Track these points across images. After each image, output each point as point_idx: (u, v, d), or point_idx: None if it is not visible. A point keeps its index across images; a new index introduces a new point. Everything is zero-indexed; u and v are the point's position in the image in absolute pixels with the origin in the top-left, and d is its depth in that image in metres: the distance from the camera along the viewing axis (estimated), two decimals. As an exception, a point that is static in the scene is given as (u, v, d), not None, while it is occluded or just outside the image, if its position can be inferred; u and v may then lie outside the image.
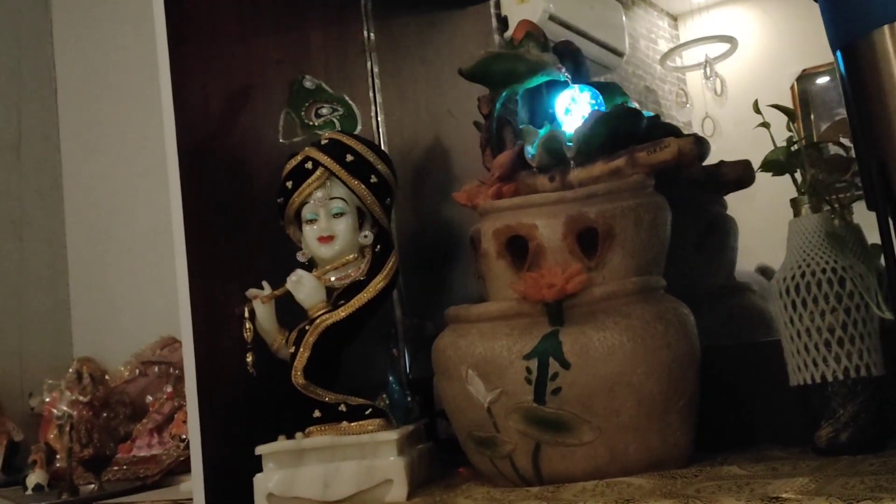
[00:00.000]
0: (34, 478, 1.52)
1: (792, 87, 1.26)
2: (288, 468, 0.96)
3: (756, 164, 1.11)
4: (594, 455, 0.86)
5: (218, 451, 1.00)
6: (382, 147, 1.43)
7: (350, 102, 1.15)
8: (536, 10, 1.54)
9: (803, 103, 1.25)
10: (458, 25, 1.68)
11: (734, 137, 1.27)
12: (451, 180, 1.56)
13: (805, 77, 1.25)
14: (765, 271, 1.22)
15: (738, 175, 1.17)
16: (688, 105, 1.37)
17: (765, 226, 1.20)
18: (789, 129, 0.96)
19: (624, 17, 1.48)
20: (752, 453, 0.92)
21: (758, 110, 0.98)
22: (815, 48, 1.26)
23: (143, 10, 1.82)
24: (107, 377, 1.78)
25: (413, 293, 1.40)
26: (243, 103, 1.18)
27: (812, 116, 1.25)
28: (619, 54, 1.48)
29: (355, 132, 1.12)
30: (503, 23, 1.62)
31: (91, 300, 1.96)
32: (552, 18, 1.54)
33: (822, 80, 1.26)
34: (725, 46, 1.34)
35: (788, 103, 1.26)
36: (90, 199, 1.97)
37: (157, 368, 1.73)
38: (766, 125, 0.98)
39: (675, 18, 1.44)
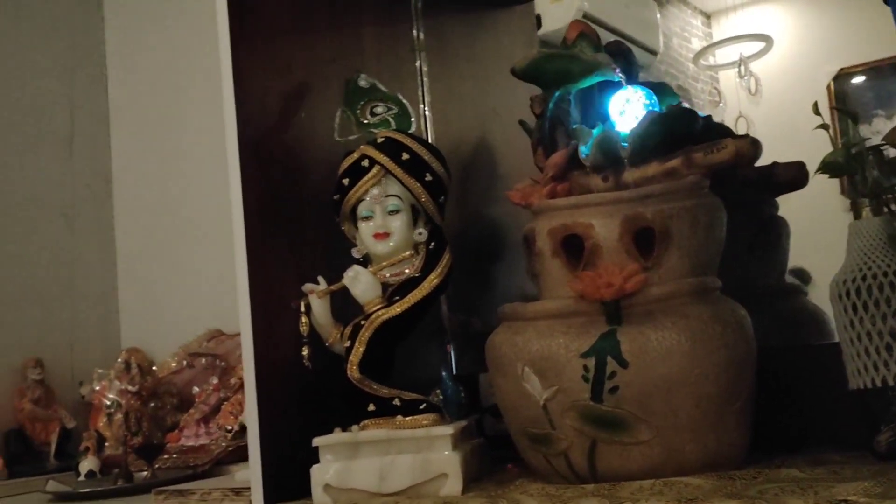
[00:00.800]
0: (86, 464, 1.56)
1: (828, 87, 1.26)
2: (344, 460, 0.98)
3: (792, 157, 1.11)
4: (650, 454, 0.87)
5: (275, 441, 1.02)
6: (432, 145, 1.44)
7: (404, 101, 1.17)
8: (571, 9, 1.54)
9: (840, 103, 1.24)
10: (504, 25, 1.69)
11: (768, 137, 1.26)
12: (497, 179, 1.57)
13: (842, 77, 1.25)
14: (800, 274, 1.22)
15: (792, 176, 1.17)
16: (721, 104, 1.36)
17: (797, 228, 1.20)
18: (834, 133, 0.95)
19: (658, 16, 1.48)
20: (808, 456, 0.92)
21: (817, 111, 0.98)
22: (853, 47, 1.26)
23: (194, 8, 1.86)
24: (154, 368, 1.81)
25: (459, 290, 1.41)
26: (300, 100, 1.20)
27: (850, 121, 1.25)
28: (653, 53, 1.48)
29: (410, 131, 1.13)
30: (537, 21, 1.63)
31: (139, 293, 2.00)
32: (587, 17, 1.54)
33: (859, 79, 1.25)
34: (760, 45, 1.33)
35: (824, 103, 1.25)
36: (139, 193, 2.01)
37: (203, 360, 1.76)
38: (824, 127, 0.97)
39: (708, 16, 1.43)
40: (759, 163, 1.10)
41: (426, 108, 1.50)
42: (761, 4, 1.35)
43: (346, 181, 1.09)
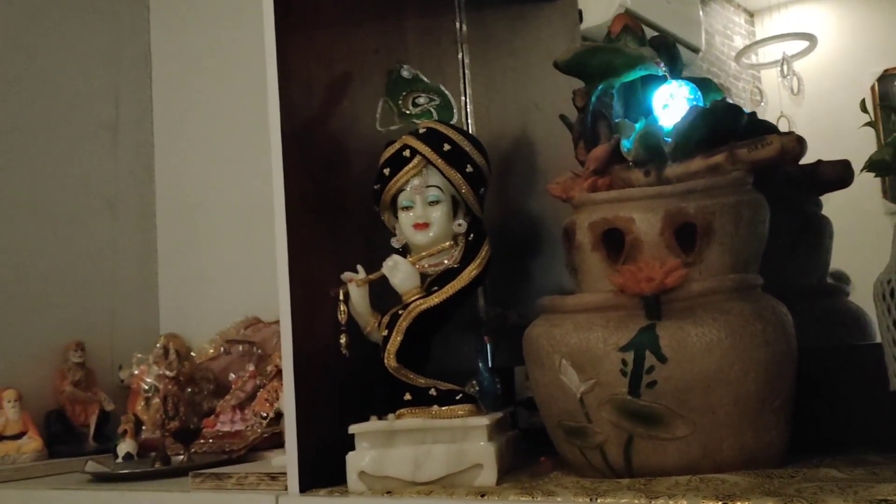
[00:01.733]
0: (124, 446, 1.58)
1: (872, 88, 1.24)
2: (380, 448, 0.98)
3: (834, 158, 1.10)
4: (687, 450, 0.86)
5: (311, 427, 1.03)
6: (472, 137, 1.45)
7: (446, 92, 1.17)
8: (612, 4, 1.53)
9: (882, 105, 1.22)
10: (546, 18, 1.68)
11: (810, 138, 1.25)
12: (535, 172, 1.57)
13: (887, 77, 1.23)
14: (839, 277, 1.21)
15: (837, 175, 1.15)
16: (762, 103, 1.35)
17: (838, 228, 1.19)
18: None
19: (700, 13, 1.47)
20: (847, 457, 0.91)
21: (864, 109, 0.97)
22: (898, 48, 1.24)
23: (239, 1, 1.87)
24: (192, 354, 1.83)
25: (495, 282, 1.41)
26: (343, 90, 1.21)
27: (893, 117, 1.23)
28: (695, 50, 1.47)
29: (451, 122, 1.13)
30: (578, 16, 1.62)
31: (178, 279, 2.02)
32: (628, 13, 1.53)
33: (905, 80, 1.23)
34: (804, 44, 1.31)
35: (869, 103, 1.23)
36: (180, 180, 2.03)
37: (240, 347, 1.78)
38: (871, 124, 0.96)
39: (751, 14, 1.42)
40: (803, 161, 1.09)
41: (467, 101, 1.50)
42: (806, 3, 1.34)
43: (386, 171, 1.09)
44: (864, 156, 0.97)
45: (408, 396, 1.01)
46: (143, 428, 1.70)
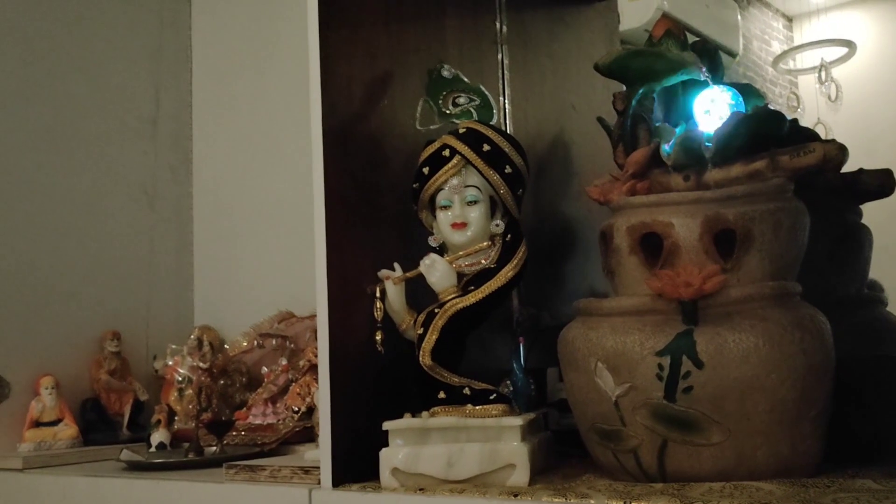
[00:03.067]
0: (157, 436, 1.60)
1: None
2: (413, 445, 0.99)
3: (871, 166, 1.08)
4: (721, 456, 0.86)
5: (345, 422, 1.04)
6: (510, 138, 1.45)
7: (486, 93, 1.17)
8: (650, 7, 1.53)
9: None
10: (585, 21, 1.69)
11: (847, 144, 1.24)
12: (571, 174, 1.57)
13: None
14: (872, 286, 1.20)
15: (879, 184, 1.14)
16: (799, 109, 1.34)
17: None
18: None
19: (739, 17, 1.46)
20: (883, 468, 0.90)
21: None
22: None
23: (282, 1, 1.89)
24: (226, 346, 1.85)
25: (530, 283, 1.42)
26: (383, 88, 1.22)
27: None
28: (733, 55, 1.46)
29: (491, 122, 1.14)
30: (616, 19, 1.62)
31: (213, 272, 2.04)
32: (668, 17, 1.53)
33: (943, 89, 1.22)
34: (842, 50, 1.30)
35: None
36: (218, 174, 2.05)
37: (273, 341, 1.79)
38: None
39: (790, 20, 1.41)
40: (843, 170, 1.08)
41: (506, 101, 1.50)
42: (845, 9, 1.33)
43: (426, 170, 1.10)
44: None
45: (442, 395, 1.02)
46: (176, 418, 1.72)
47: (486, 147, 1.08)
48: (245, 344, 1.84)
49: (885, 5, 1.30)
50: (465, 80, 1.18)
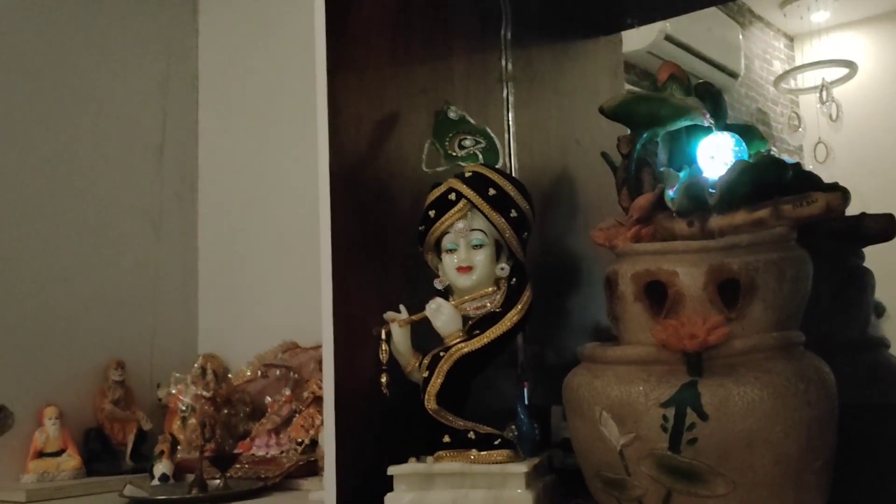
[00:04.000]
0: (160, 467, 1.61)
1: None
2: (418, 490, 0.99)
3: (872, 186, 1.09)
4: (726, 508, 0.86)
5: (350, 466, 1.05)
6: (514, 174, 1.46)
7: (492, 135, 1.18)
8: (653, 30, 1.54)
9: None
10: (590, 55, 1.70)
11: (848, 164, 1.25)
12: (576, 209, 1.58)
13: (926, 107, 1.23)
14: (875, 306, 1.20)
15: (882, 228, 1.15)
16: (800, 129, 1.35)
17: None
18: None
19: (740, 37, 1.47)
20: (887, 519, 0.91)
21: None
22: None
23: (290, 27, 1.91)
24: (229, 375, 1.86)
25: (535, 320, 1.43)
26: (391, 129, 1.23)
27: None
28: (734, 76, 1.47)
29: (497, 165, 1.15)
30: (620, 47, 1.63)
31: (218, 301, 2.05)
32: (668, 38, 1.54)
33: (943, 111, 1.23)
34: (843, 70, 1.31)
35: None
36: (224, 203, 2.07)
37: (277, 371, 1.80)
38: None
39: (791, 39, 1.42)
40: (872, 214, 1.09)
41: (511, 138, 1.51)
42: (847, 29, 1.34)
43: (432, 213, 1.11)
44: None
45: (447, 439, 1.02)
46: (179, 447, 1.73)
47: (491, 191, 1.09)
48: (249, 373, 1.85)
49: (885, 27, 1.31)
50: (472, 121, 1.19)
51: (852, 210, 1.12)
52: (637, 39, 1.60)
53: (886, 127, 1.27)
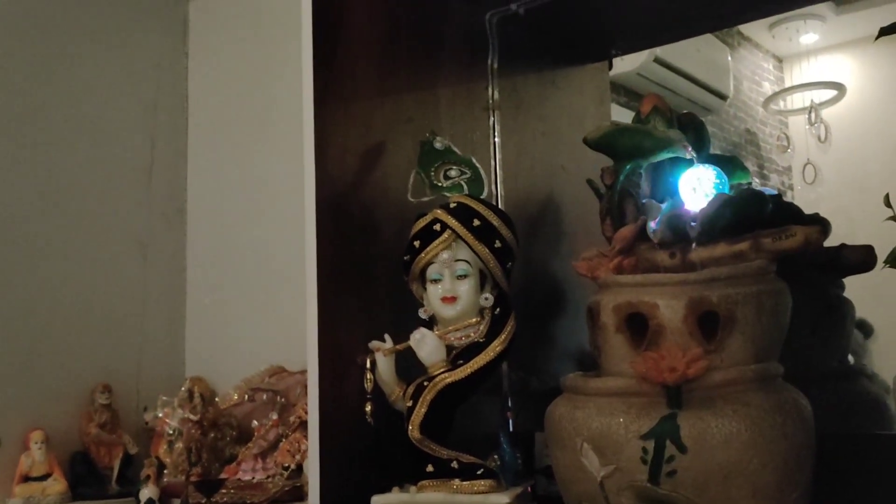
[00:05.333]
0: (146, 492, 1.61)
1: None
2: (401, 520, 1.00)
3: (860, 208, 1.10)
4: (705, 540, 0.87)
5: (334, 492, 1.05)
6: (500, 202, 1.47)
7: (477, 165, 1.20)
8: (642, 53, 1.56)
9: None
10: (576, 83, 1.72)
11: (836, 185, 1.26)
12: (562, 236, 1.59)
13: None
14: (860, 325, 1.22)
15: (860, 260, 1.17)
16: (789, 150, 1.36)
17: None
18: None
19: (729, 58, 1.48)
20: (864, 550, 0.92)
21: (888, 204, 0.98)
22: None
23: (280, 53, 1.92)
24: (216, 399, 1.86)
25: (519, 345, 1.44)
26: (377, 159, 1.24)
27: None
28: (723, 97, 1.49)
29: (482, 196, 1.16)
30: (608, 64, 1.65)
31: (205, 324, 2.05)
32: (657, 61, 1.56)
33: (933, 133, 1.24)
34: (832, 92, 1.33)
35: (895, 154, 1.25)
36: (212, 227, 2.07)
37: (264, 395, 1.80)
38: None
39: (780, 61, 1.43)
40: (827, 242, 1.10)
41: (497, 165, 1.53)
42: (835, 52, 1.36)
43: (417, 243, 1.12)
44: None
45: (430, 468, 1.03)
46: (166, 471, 1.73)
47: (476, 222, 1.10)
48: (236, 397, 1.85)
49: (873, 49, 1.33)
50: (457, 151, 1.20)
51: (840, 231, 1.15)
52: (627, 62, 1.61)
53: (875, 148, 1.29)
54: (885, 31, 0.88)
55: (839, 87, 1.33)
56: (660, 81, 1.54)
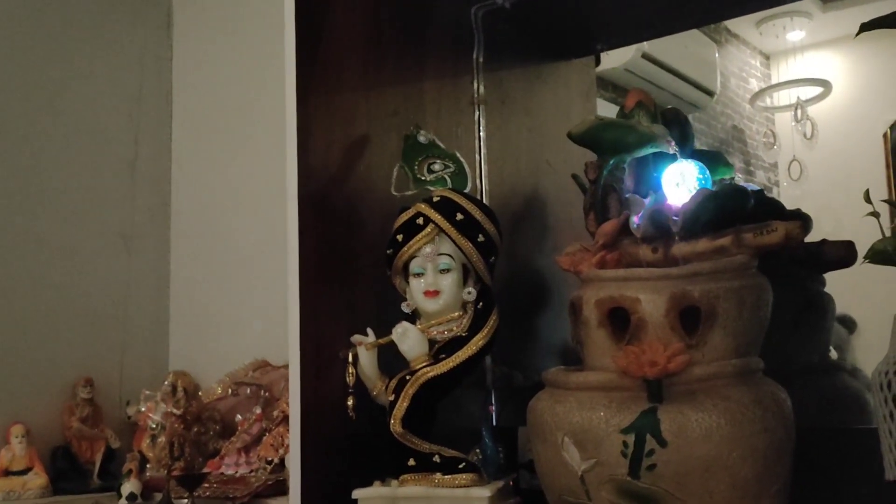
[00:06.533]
0: (128, 486, 1.60)
1: (885, 135, 1.26)
2: (382, 514, 1.00)
3: (845, 204, 1.11)
4: (684, 533, 0.88)
5: (316, 486, 1.05)
6: (484, 197, 1.47)
7: (461, 160, 1.19)
8: (630, 48, 1.56)
9: (894, 153, 1.24)
10: (562, 78, 1.72)
11: (822, 182, 1.26)
12: (545, 230, 1.59)
13: (898, 126, 1.25)
14: (844, 320, 1.22)
15: (841, 255, 1.17)
16: (775, 146, 1.37)
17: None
18: None
19: (717, 55, 1.49)
20: (842, 544, 0.92)
21: (868, 199, 0.99)
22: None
23: (264, 46, 1.91)
24: (200, 393, 1.85)
25: (502, 340, 1.44)
26: (360, 152, 1.24)
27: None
28: (710, 93, 1.49)
29: (465, 190, 1.16)
30: (595, 60, 1.65)
31: (189, 318, 2.05)
32: (645, 56, 1.56)
33: (918, 129, 1.25)
34: (819, 89, 1.34)
35: (880, 151, 1.26)
36: (196, 221, 2.06)
37: (248, 390, 1.80)
38: (875, 214, 0.98)
39: (767, 57, 1.44)
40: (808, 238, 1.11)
41: (482, 160, 1.52)
42: (822, 49, 1.36)
43: (400, 237, 1.12)
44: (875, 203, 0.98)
45: (412, 462, 1.03)
46: (148, 466, 1.72)
47: (459, 216, 1.10)
48: (219, 391, 1.84)
49: (859, 46, 1.33)
50: (441, 145, 1.20)
51: (825, 227, 1.16)
52: (614, 57, 1.61)
53: (859, 145, 1.29)
54: (865, 27, 0.89)
55: (825, 84, 1.34)
56: (647, 77, 1.54)
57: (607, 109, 1.59)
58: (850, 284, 1.20)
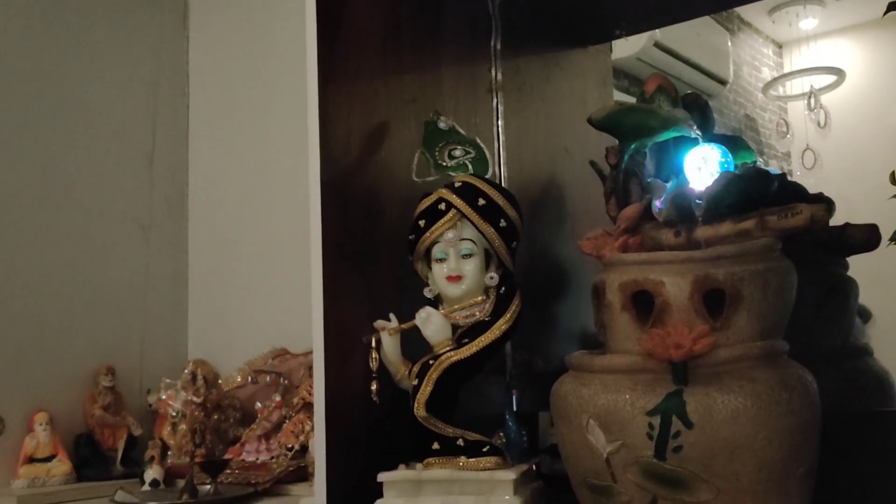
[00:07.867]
0: (151, 473, 1.61)
1: None
2: (407, 497, 1.01)
3: (858, 193, 1.11)
4: (710, 515, 0.88)
5: (340, 473, 1.06)
6: (503, 183, 1.47)
7: (482, 145, 1.19)
8: (643, 37, 1.56)
9: None
10: (579, 65, 1.72)
11: (835, 170, 1.26)
12: (564, 217, 1.59)
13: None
14: (861, 313, 1.22)
15: (865, 238, 1.17)
16: (788, 135, 1.36)
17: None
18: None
19: (729, 44, 1.48)
20: (868, 526, 0.92)
21: (894, 181, 0.99)
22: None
23: (282, 35, 1.92)
24: (220, 381, 1.86)
25: (523, 326, 1.44)
26: (381, 139, 1.24)
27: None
28: (723, 82, 1.49)
29: (486, 175, 1.16)
30: (609, 51, 1.64)
31: (208, 307, 2.05)
32: (657, 45, 1.55)
33: (930, 118, 1.24)
34: (832, 78, 1.33)
35: (894, 139, 1.25)
36: (214, 209, 2.07)
37: (267, 377, 1.80)
38: (899, 196, 0.98)
39: (780, 46, 1.43)
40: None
41: (500, 146, 1.53)
42: (835, 37, 1.35)
43: (422, 223, 1.12)
44: (889, 190, 0.98)
45: (436, 446, 1.03)
46: (170, 453, 1.73)
47: (481, 201, 1.10)
48: (239, 379, 1.85)
49: (872, 34, 1.32)
50: (461, 131, 1.20)
51: (839, 216, 1.15)
52: (627, 46, 1.61)
53: (873, 134, 1.29)
54: (893, 6, 0.88)
55: (838, 73, 1.33)
56: (659, 66, 1.53)
57: (620, 99, 1.59)
58: (867, 273, 1.19)
